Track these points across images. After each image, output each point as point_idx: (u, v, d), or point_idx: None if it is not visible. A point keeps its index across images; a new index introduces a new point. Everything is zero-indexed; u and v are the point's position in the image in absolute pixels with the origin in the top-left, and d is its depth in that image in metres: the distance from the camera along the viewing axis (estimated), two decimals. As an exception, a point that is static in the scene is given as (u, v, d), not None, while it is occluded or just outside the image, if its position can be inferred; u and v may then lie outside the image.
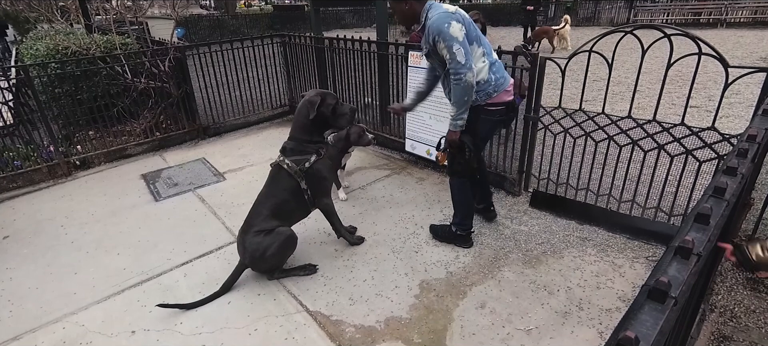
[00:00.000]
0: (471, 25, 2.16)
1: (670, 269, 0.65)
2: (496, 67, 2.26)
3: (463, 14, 2.14)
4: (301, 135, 2.40)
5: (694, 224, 0.76)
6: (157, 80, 4.51)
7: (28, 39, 6.62)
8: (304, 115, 2.36)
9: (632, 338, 0.49)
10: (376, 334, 1.99)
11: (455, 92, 2.11)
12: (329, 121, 2.43)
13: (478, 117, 2.27)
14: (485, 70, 2.20)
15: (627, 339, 0.49)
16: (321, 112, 2.36)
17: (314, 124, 2.38)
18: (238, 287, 2.32)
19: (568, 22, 10.64)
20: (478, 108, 2.25)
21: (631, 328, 0.52)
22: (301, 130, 2.39)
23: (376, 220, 2.95)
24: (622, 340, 0.49)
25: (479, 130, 2.32)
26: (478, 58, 2.18)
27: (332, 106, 2.40)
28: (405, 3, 2.17)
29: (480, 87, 2.20)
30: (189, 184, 3.67)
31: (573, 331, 1.95)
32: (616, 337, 0.51)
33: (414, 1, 2.16)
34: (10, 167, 3.75)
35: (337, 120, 2.45)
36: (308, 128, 2.38)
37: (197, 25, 15.68)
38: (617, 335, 0.51)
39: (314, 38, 4.69)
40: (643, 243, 2.55)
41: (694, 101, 5.29)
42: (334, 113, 2.42)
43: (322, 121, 2.41)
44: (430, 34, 2.13)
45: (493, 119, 2.32)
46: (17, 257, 2.73)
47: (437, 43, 2.09)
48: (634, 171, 2.68)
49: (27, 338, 2.07)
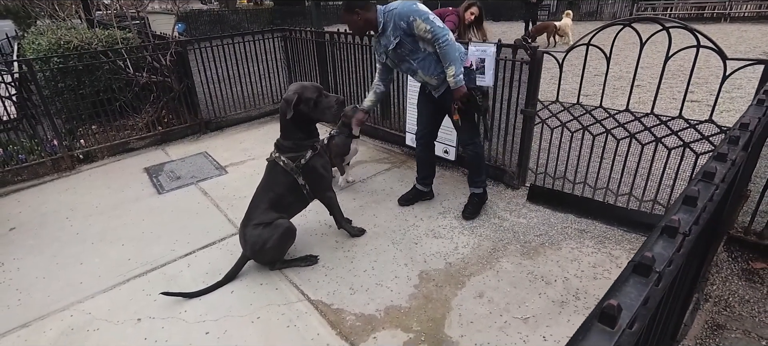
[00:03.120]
0: None
1: (656, 246, 0.68)
2: None
3: None
4: (288, 134, 2.29)
5: (683, 206, 0.79)
6: (159, 75, 4.53)
7: (30, 34, 6.65)
8: (283, 116, 2.24)
9: (615, 306, 0.52)
10: (376, 322, 2.03)
11: (449, 53, 2.36)
12: (313, 116, 2.27)
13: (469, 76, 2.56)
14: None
15: (610, 306, 0.52)
16: (300, 111, 2.21)
17: (296, 123, 2.24)
18: (241, 277, 2.36)
19: (570, 16, 10.61)
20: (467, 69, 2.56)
21: (615, 298, 0.55)
22: (287, 130, 2.28)
23: (377, 212, 2.98)
24: (606, 307, 0.52)
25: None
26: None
27: (313, 100, 2.22)
28: (356, 15, 2.41)
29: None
30: (191, 177, 3.71)
31: (569, 319, 1.99)
32: (600, 306, 0.54)
33: (364, 12, 2.41)
34: (14, 161, 3.79)
35: (322, 114, 2.28)
36: (293, 128, 2.26)
37: (198, 20, 15.70)
38: (602, 303, 0.54)
39: (315, 33, 4.71)
40: (640, 235, 2.58)
41: (696, 96, 5.29)
42: (317, 107, 2.24)
43: (305, 118, 2.26)
44: (400, 22, 2.37)
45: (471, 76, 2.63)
46: (23, 247, 2.77)
47: (413, 23, 2.35)
48: (631, 164, 2.70)
49: (36, 325, 2.12)
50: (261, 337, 1.96)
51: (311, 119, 2.32)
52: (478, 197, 2.90)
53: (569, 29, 10.59)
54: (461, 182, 3.34)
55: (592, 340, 0.52)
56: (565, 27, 10.54)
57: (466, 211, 2.87)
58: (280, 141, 2.36)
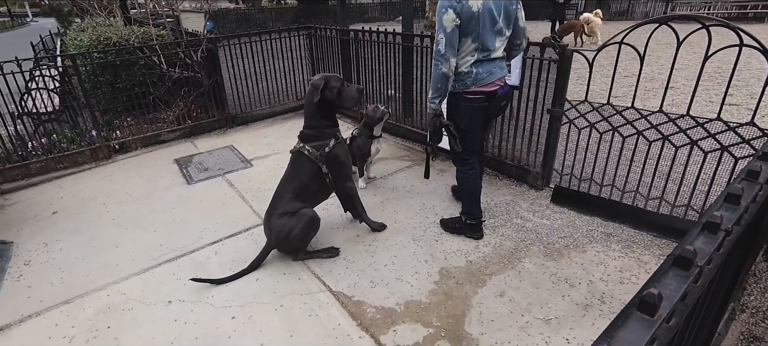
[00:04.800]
0: (477, 18, 2.11)
1: (697, 241, 0.67)
2: (485, 64, 2.24)
3: (470, 5, 2.09)
4: (313, 122, 2.43)
5: (724, 204, 0.77)
6: (190, 70, 4.69)
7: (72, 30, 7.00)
8: (310, 102, 2.39)
9: (656, 294, 0.51)
10: (396, 315, 2.04)
11: (432, 76, 2.24)
12: (335, 103, 2.43)
13: (458, 103, 2.35)
14: (468, 65, 2.22)
15: (650, 295, 0.51)
16: (325, 96, 2.37)
17: (321, 108, 2.40)
18: (265, 267, 2.42)
19: (599, 15, 10.29)
20: (457, 94, 2.32)
21: (655, 288, 0.54)
22: (312, 117, 2.43)
23: (397, 209, 2.99)
24: (647, 295, 0.51)
25: (461, 115, 2.38)
26: (468, 52, 2.20)
27: (337, 88, 2.39)
28: None
29: (459, 77, 2.26)
30: (218, 169, 3.82)
31: (594, 323, 1.94)
32: (640, 294, 0.53)
33: None
34: (57, 149, 4.00)
35: (344, 102, 2.43)
36: (318, 114, 2.41)
37: (225, 18, 16.11)
38: (641, 292, 0.53)
39: (340, 30, 4.76)
40: (671, 241, 2.49)
41: (735, 99, 5.05)
42: (340, 95, 2.41)
43: (329, 104, 2.42)
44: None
45: (473, 106, 2.33)
46: (65, 230, 2.93)
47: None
48: (663, 168, 2.61)
49: (76, 302, 2.25)
50: (284, 324, 2.01)
51: (334, 106, 2.45)
52: (457, 222, 2.65)
53: (597, 28, 10.27)
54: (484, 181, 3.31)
55: (630, 328, 0.51)
56: (593, 26, 10.22)
57: (444, 221, 2.74)
58: (304, 131, 2.45)
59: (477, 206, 2.57)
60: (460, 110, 2.35)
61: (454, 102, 2.35)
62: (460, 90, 2.29)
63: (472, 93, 2.28)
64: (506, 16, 2.21)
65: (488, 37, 2.19)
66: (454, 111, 2.38)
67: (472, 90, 2.27)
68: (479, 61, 2.22)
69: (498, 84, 2.32)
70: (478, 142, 2.53)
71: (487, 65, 2.25)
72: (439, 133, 2.39)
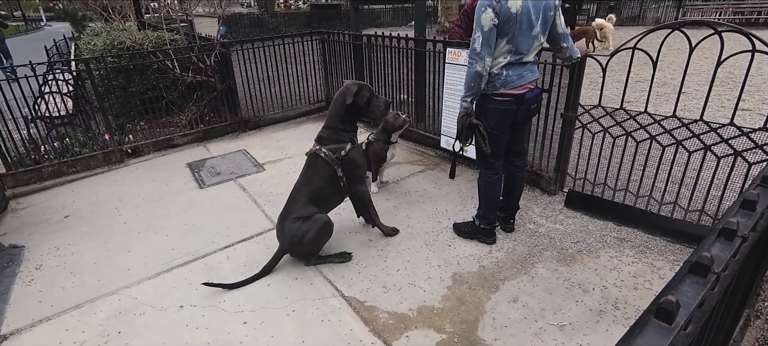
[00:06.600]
0: (514, 20, 2.11)
1: (713, 248, 0.67)
2: (516, 68, 2.24)
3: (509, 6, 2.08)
4: (336, 123, 2.47)
5: (740, 210, 0.77)
6: (204, 75, 4.76)
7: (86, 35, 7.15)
8: (340, 103, 2.44)
9: (674, 302, 0.52)
10: (409, 321, 2.05)
11: (466, 75, 2.24)
12: (363, 110, 2.50)
13: (485, 104, 2.34)
14: (500, 66, 2.22)
15: (668, 302, 0.52)
16: (356, 102, 2.43)
17: (349, 112, 2.46)
18: (277, 271, 2.44)
19: (612, 20, 10.20)
20: (485, 96, 2.32)
21: (673, 295, 0.55)
22: (336, 119, 2.47)
23: (410, 213, 3.01)
24: (664, 303, 0.52)
25: (488, 117, 2.37)
26: (502, 53, 2.20)
27: (367, 97, 2.47)
28: None
29: (490, 79, 2.26)
30: (231, 173, 3.87)
31: (608, 329, 1.93)
32: (657, 302, 0.54)
33: None
34: (70, 153, 4.08)
35: (370, 111, 2.51)
36: (343, 117, 2.46)
37: (238, 23, 16.33)
38: (658, 300, 0.54)
39: (353, 35, 4.80)
40: (684, 246, 2.47)
41: (747, 104, 4.98)
42: (369, 105, 2.49)
43: (356, 110, 2.48)
44: None
45: (500, 108, 2.32)
46: (77, 234, 2.99)
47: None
48: (677, 173, 2.59)
49: (87, 306, 2.28)
50: (296, 329, 2.03)
51: (360, 113, 2.52)
52: (470, 226, 2.66)
53: (610, 34, 10.19)
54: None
55: (648, 335, 0.52)
56: (606, 31, 10.14)
57: (456, 225, 2.76)
58: (322, 133, 2.50)
59: (494, 211, 2.57)
60: (488, 112, 2.34)
61: (482, 103, 2.34)
62: (488, 92, 2.29)
63: (500, 95, 2.27)
64: (544, 21, 2.19)
65: (523, 41, 2.18)
66: (481, 112, 2.36)
67: (501, 92, 2.26)
68: (511, 64, 2.22)
69: (527, 87, 2.31)
70: (503, 146, 2.49)
71: (518, 69, 2.25)
72: (467, 133, 2.38)
